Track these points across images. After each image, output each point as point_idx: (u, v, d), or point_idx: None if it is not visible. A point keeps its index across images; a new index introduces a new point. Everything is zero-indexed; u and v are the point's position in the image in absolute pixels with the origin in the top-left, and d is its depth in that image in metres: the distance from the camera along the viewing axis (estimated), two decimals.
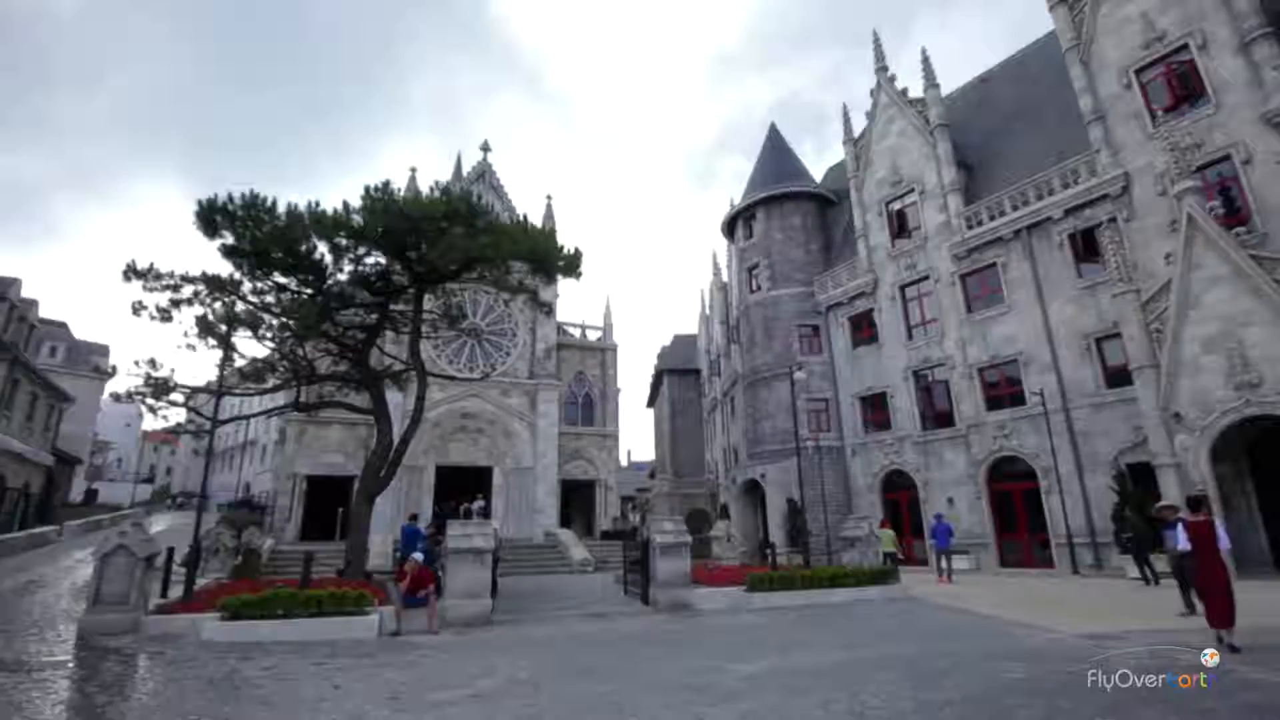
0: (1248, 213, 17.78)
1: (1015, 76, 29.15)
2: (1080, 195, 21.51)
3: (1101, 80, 21.64)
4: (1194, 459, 16.44)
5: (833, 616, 12.12)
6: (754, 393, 31.35)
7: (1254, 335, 15.76)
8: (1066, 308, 21.66)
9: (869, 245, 29.03)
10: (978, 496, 23.28)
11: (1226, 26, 18.80)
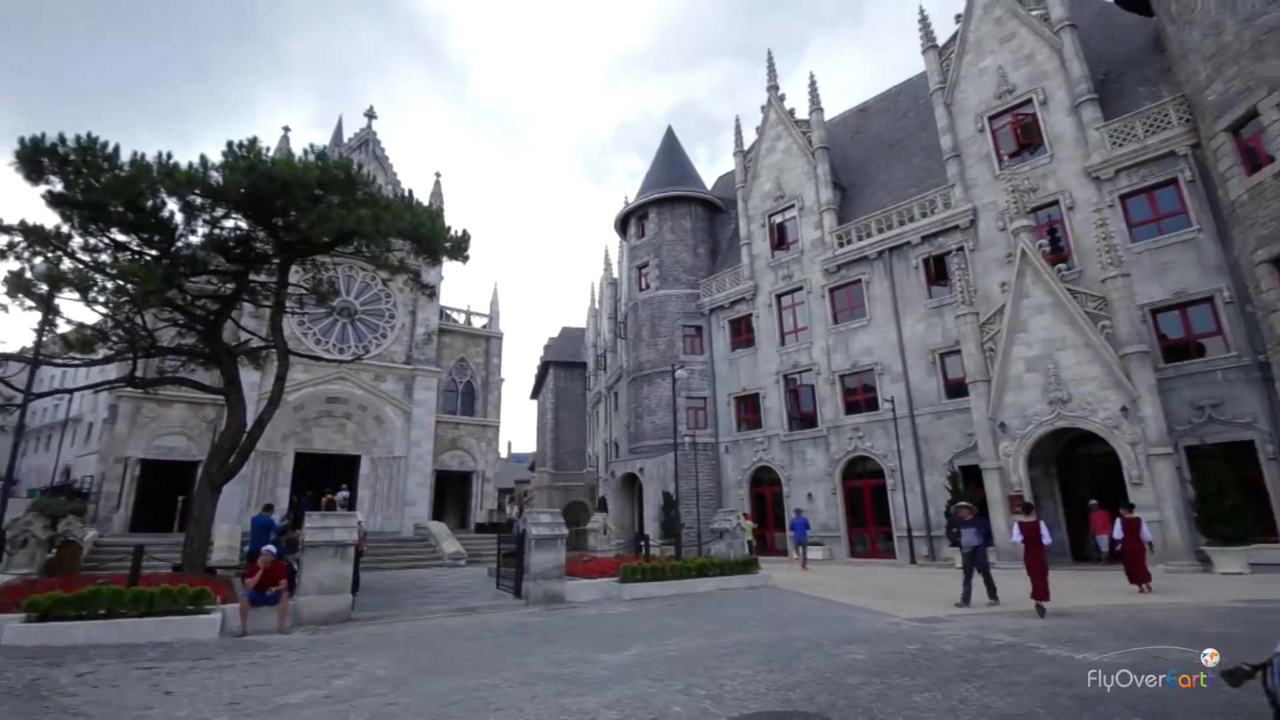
0: (1069, 252, 20.57)
1: (889, 109, 31.73)
2: (935, 224, 23.87)
3: (960, 122, 24.12)
4: (1014, 463, 18.83)
5: (699, 605, 12.65)
6: (638, 388, 31.92)
7: (1067, 358, 18.30)
8: (918, 325, 23.96)
9: (751, 254, 30.48)
10: (833, 492, 25.21)
11: (1063, 89, 21.61)
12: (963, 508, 12.56)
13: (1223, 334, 17.67)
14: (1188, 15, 18.21)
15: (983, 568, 11.70)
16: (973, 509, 12.40)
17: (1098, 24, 23.44)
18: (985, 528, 12.22)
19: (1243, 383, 17.02)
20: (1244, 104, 16.56)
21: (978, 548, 11.63)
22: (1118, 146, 19.90)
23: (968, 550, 11.78)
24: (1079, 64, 21.17)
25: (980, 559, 11.70)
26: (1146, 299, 18.50)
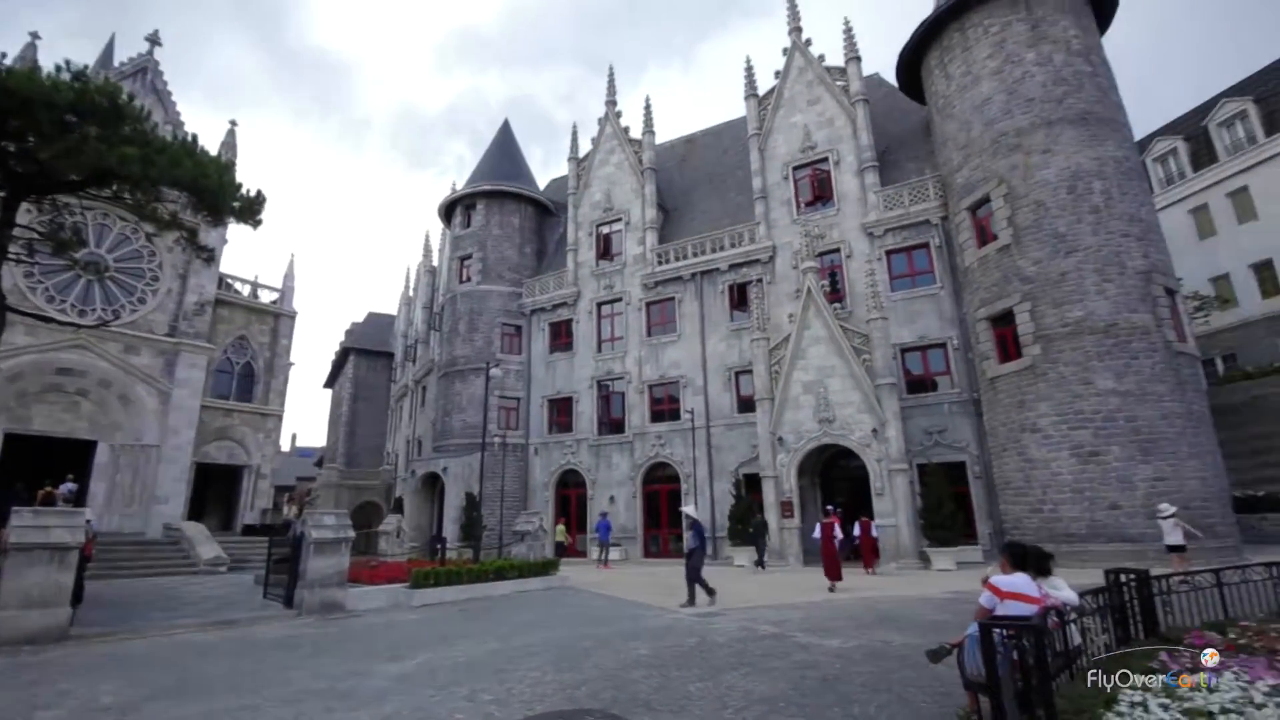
0: (844, 294, 23.77)
1: (713, 144, 34.22)
2: (741, 256, 26.23)
3: (770, 168, 26.81)
4: (787, 473, 21.25)
5: (495, 608, 12.48)
6: (449, 384, 30.68)
7: (834, 384, 21.09)
8: (720, 344, 26.09)
9: (577, 260, 30.94)
10: (634, 496, 26.40)
11: (853, 153, 25.01)
12: (686, 514, 13.28)
13: (950, 374, 21.67)
14: (948, 110, 22.17)
15: (695, 568, 12.27)
16: (691, 517, 13.16)
17: (886, 103, 27.54)
18: (703, 533, 12.80)
19: (961, 414, 21.01)
20: (981, 190, 20.56)
21: (694, 550, 12.34)
22: (889, 210, 23.54)
23: (687, 552, 12.55)
24: (867, 135, 24.71)
25: (695, 562, 12.24)
26: (898, 340, 22.05)
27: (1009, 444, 18.94)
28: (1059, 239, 18.58)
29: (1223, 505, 16.93)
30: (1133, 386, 17.05)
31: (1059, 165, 19.01)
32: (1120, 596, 5.99)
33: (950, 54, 22.11)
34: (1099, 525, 16.66)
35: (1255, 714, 3.54)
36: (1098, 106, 19.55)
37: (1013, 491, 18.81)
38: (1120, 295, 17.71)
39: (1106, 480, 16.77)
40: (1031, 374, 18.43)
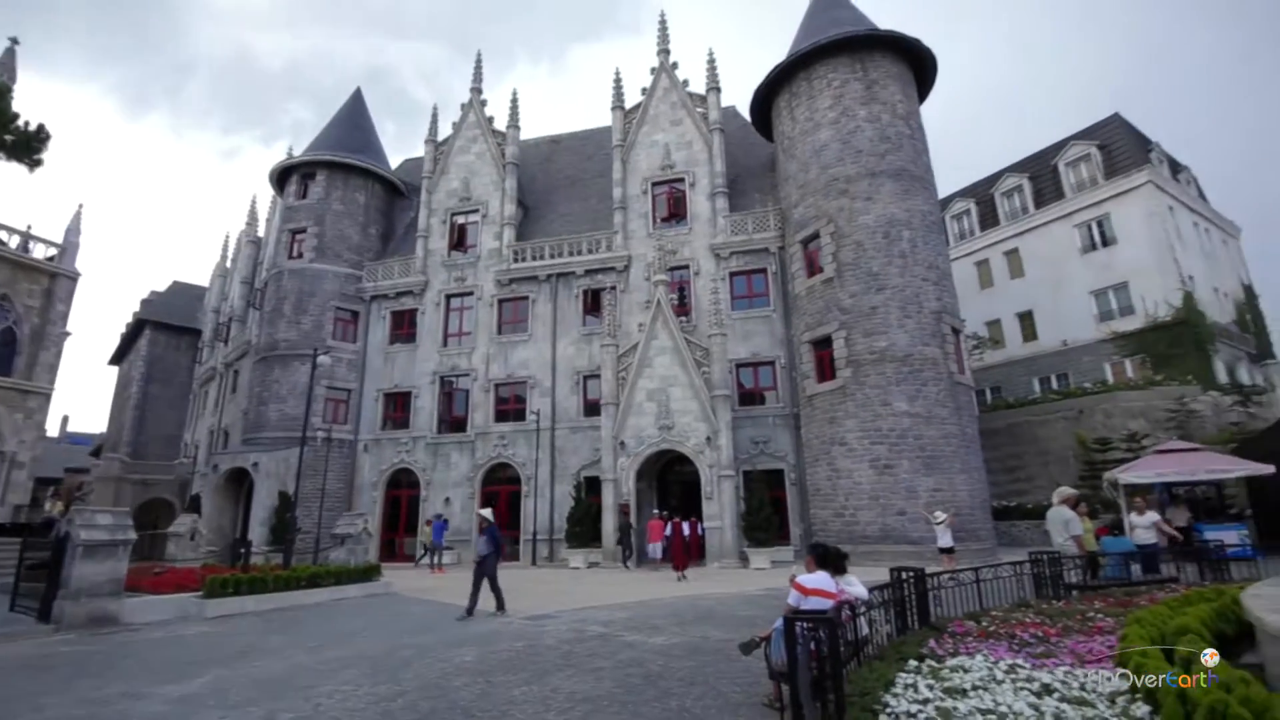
0: (690, 308, 24.99)
1: (579, 148, 34.37)
2: (597, 262, 26.61)
3: (631, 180, 27.51)
4: (626, 476, 21.82)
5: (307, 618, 11.47)
6: (267, 369, 27.69)
7: (676, 393, 22.06)
8: (570, 347, 26.21)
9: (428, 248, 29.48)
10: (471, 497, 25.60)
11: (707, 178, 26.42)
12: (480, 517, 12.33)
13: (777, 390, 23.60)
14: (792, 151, 24.23)
15: (491, 577, 11.44)
16: (487, 520, 12.17)
17: (739, 135, 29.41)
18: (497, 538, 11.94)
19: (783, 427, 22.95)
20: (813, 226, 22.66)
21: (486, 557, 11.51)
22: (735, 234, 25.18)
23: (477, 559, 11.62)
24: (721, 162, 26.27)
25: (489, 568, 11.45)
26: (735, 355, 23.61)
27: (821, 455, 21.05)
28: (872, 277, 21.06)
29: (985, 513, 20.13)
30: (922, 409, 19.74)
31: (877, 212, 21.56)
32: (901, 591, 6.90)
33: (797, 99, 24.22)
34: (889, 529, 19.04)
35: (996, 688, 4.28)
36: (912, 165, 22.47)
37: (821, 498, 20.92)
38: (917, 330, 20.45)
39: (897, 489, 19.23)
40: (842, 394, 20.66)
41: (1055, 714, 3.74)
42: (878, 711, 3.93)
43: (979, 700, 4.02)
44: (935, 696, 4.15)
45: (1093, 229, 30.90)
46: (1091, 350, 29.76)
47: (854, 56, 23.40)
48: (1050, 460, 24.81)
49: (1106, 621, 6.69)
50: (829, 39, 23.64)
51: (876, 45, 23.57)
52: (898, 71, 23.63)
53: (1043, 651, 5.55)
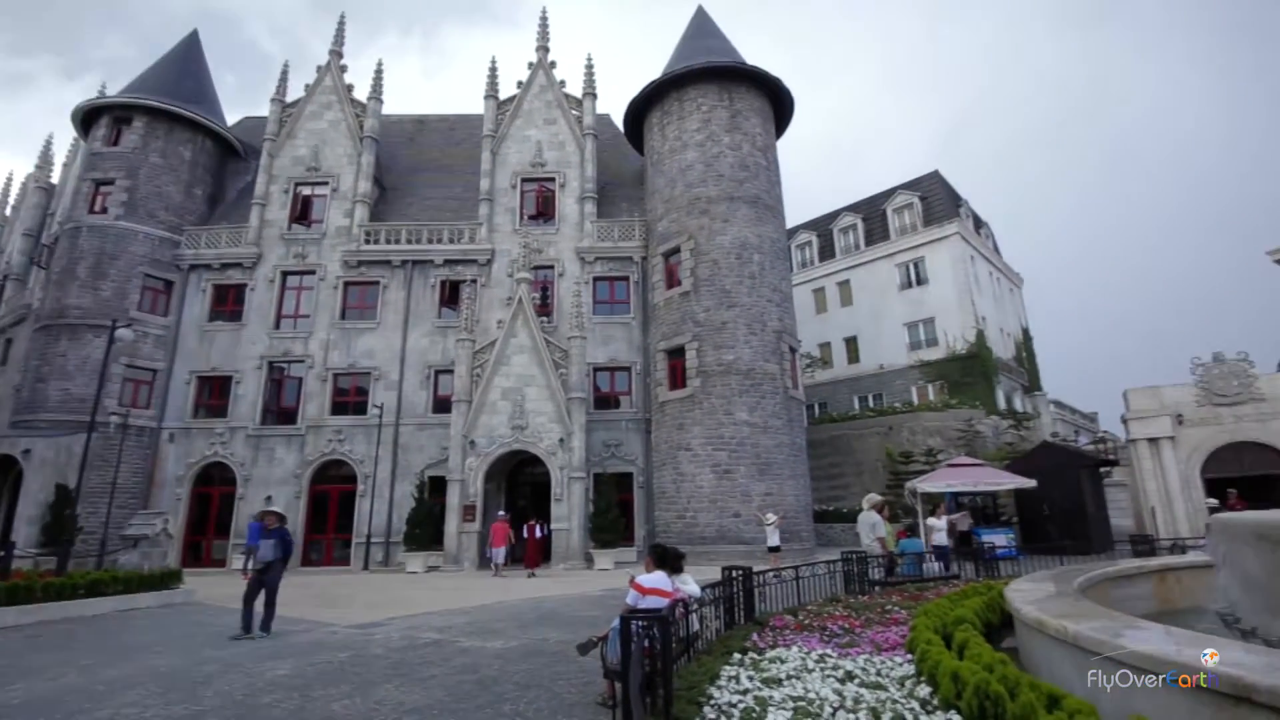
0: (552, 309, 24.90)
1: (446, 132, 32.92)
2: (459, 253, 25.67)
3: (500, 173, 26.88)
4: (474, 476, 21.20)
5: (83, 633, 9.85)
6: (51, 340, 23.45)
7: (532, 394, 21.85)
8: (422, 339, 25.00)
9: (264, 217, 26.66)
10: (297, 496, 23.46)
11: (578, 181, 26.51)
12: (269, 514, 10.43)
13: (631, 395, 24.21)
14: (660, 166, 25.06)
15: (271, 589, 9.56)
16: (282, 517, 10.29)
17: (612, 143, 29.83)
18: (288, 541, 9.94)
19: (635, 431, 23.58)
20: (675, 241, 23.58)
21: (272, 563, 9.61)
22: (601, 240, 25.51)
23: (259, 566, 9.80)
24: (592, 167, 26.50)
25: (272, 579, 9.59)
26: (593, 359, 23.89)
27: (668, 460, 21.92)
28: (725, 294, 22.36)
29: (807, 516, 22.08)
30: (760, 420, 21.26)
31: (733, 234, 22.95)
32: (731, 589, 7.38)
33: (669, 118, 25.13)
34: (725, 530, 20.26)
35: (807, 676, 4.73)
36: (766, 195, 24.19)
37: (666, 500, 21.78)
38: (760, 347, 22.02)
39: (734, 493, 20.53)
40: (691, 402, 21.69)
41: (855, 698, 4.20)
42: (702, 703, 4.18)
43: (792, 688, 4.42)
44: (754, 686, 4.50)
45: (910, 269, 35.17)
46: (902, 374, 33.81)
47: (723, 86, 24.77)
48: (864, 470, 27.78)
49: (901, 613, 7.61)
50: (701, 65, 24.84)
51: (743, 79, 25.14)
52: (759, 106, 25.35)
53: (848, 641, 6.21)
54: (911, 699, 4.07)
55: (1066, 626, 3.74)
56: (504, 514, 19.94)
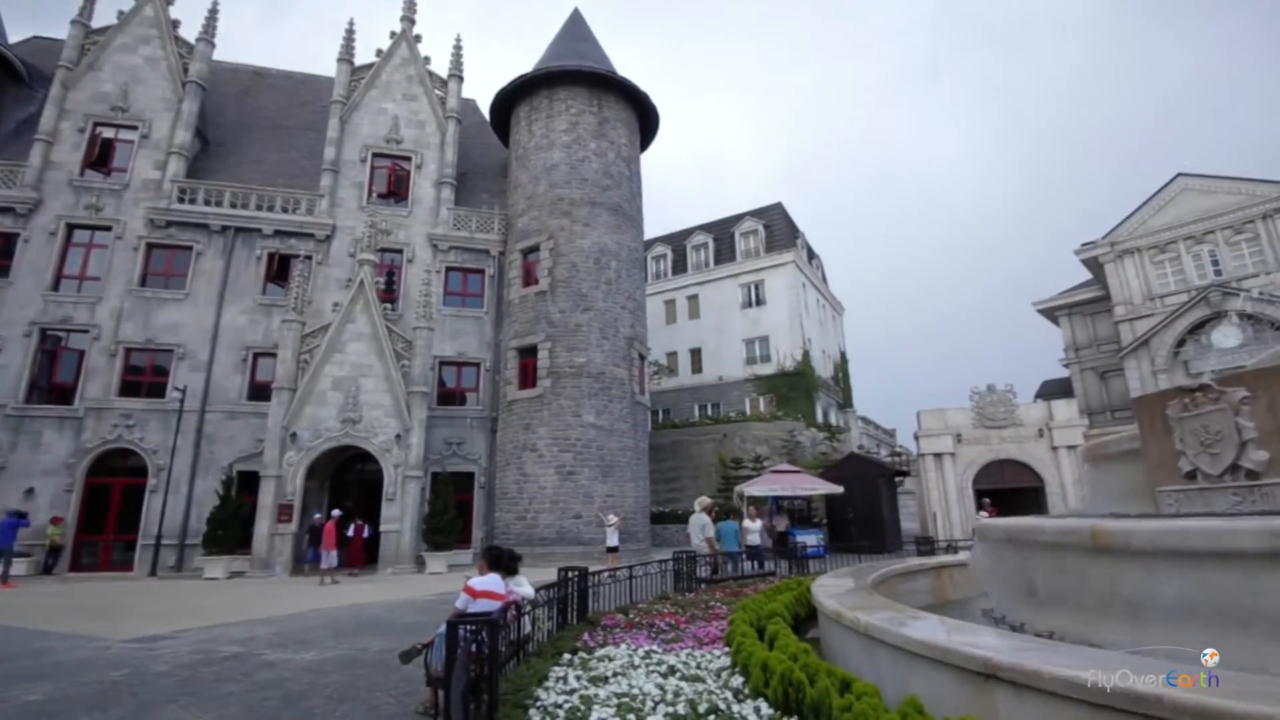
0: (398, 296, 23.51)
1: (290, 91, 29.84)
2: (293, 224, 23.38)
3: (349, 144, 24.89)
4: (294, 473, 19.37)
5: None
6: None
7: (368, 385, 20.45)
8: (241, 316, 22.41)
9: (50, 158, 22.41)
10: (69, 489, 19.92)
11: (436, 164, 25.31)
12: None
13: (479, 391, 23.54)
14: (525, 161, 24.70)
15: None
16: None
17: (476, 131, 28.84)
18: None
19: (480, 429, 22.95)
20: (535, 239, 23.35)
21: None
22: (457, 229, 24.57)
23: None
24: (453, 152, 25.46)
25: None
26: (440, 352, 22.91)
27: (512, 460, 21.62)
28: (581, 297, 22.56)
29: (645, 518, 22.86)
30: (606, 423, 21.69)
31: (593, 239, 23.24)
32: (565, 589, 7.48)
33: (537, 114, 24.87)
34: (565, 531, 20.38)
35: (633, 673, 4.93)
36: (627, 205, 24.78)
37: (507, 501, 21.46)
38: (612, 351, 22.49)
39: (576, 495, 20.73)
40: (540, 402, 21.60)
41: (675, 691, 4.47)
42: (528, 706, 4.21)
43: (617, 685, 4.60)
44: (581, 686, 4.61)
45: (752, 290, 37.85)
46: (738, 386, 36.24)
47: (593, 92, 25.01)
48: (699, 474, 29.35)
49: (722, 609, 8.16)
50: (576, 67, 24.91)
51: (614, 88, 25.56)
52: (627, 118, 25.94)
53: (673, 637, 6.55)
54: (726, 689, 4.41)
55: (859, 618, 4.26)
56: (337, 513, 18.40)
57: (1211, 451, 3.75)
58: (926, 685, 3.27)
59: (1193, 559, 3.25)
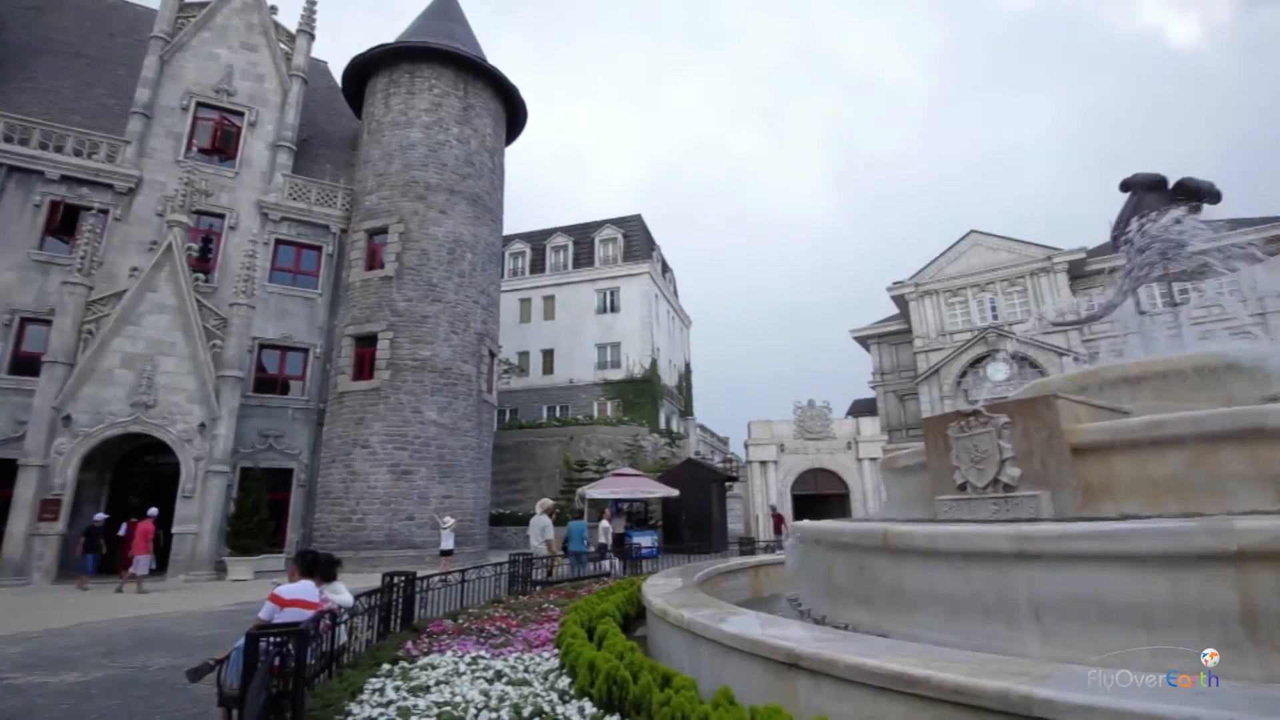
0: (214, 266, 20.85)
1: (100, 16, 25.38)
2: (87, 171, 19.88)
3: (167, 86, 21.68)
4: (65, 462, 16.39)
5: None
6: None
7: (169, 365, 17.88)
8: (8, 273, 18.63)
9: None
10: None
11: (274, 124, 22.82)
12: None
13: (305, 380, 21.52)
14: (379, 136, 23.07)
15: None
16: None
17: (326, 95, 26.44)
18: None
19: (304, 422, 20.98)
20: (384, 220, 21.89)
21: None
22: (293, 199, 22.33)
23: None
24: (295, 114, 23.12)
25: None
26: (261, 333, 20.66)
27: (340, 456, 19.99)
28: (431, 287, 21.51)
29: (484, 520, 22.22)
30: (449, 421, 20.83)
31: (449, 228, 22.28)
32: (390, 596, 7.06)
33: (397, 87, 23.36)
34: (396, 534, 19.22)
35: (457, 680, 4.76)
36: (487, 197, 24.07)
37: (331, 501, 19.78)
38: (461, 346, 21.67)
39: (410, 495, 19.65)
40: (376, 395, 20.22)
41: (500, 696, 4.38)
42: None
43: (439, 694, 4.41)
44: (400, 697, 4.36)
45: (607, 296, 38.49)
46: (588, 390, 36.59)
47: (460, 75, 24.01)
48: (543, 475, 29.17)
49: (555, 611, 8.15)
50: (444, 46, 23.75)
51: (483, 76, 24.71)
52: (494, 108, 25.22)
53: (503, 641, 6.42)
54: (552, 691, 4.41)
55: (683, 615, 4.48)
56: (154, 511, 15.72)
57: (979, 467, 4.42)
58: (739, 676, 3.52)
59: (960, 558, 3.82)
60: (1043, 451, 4.11)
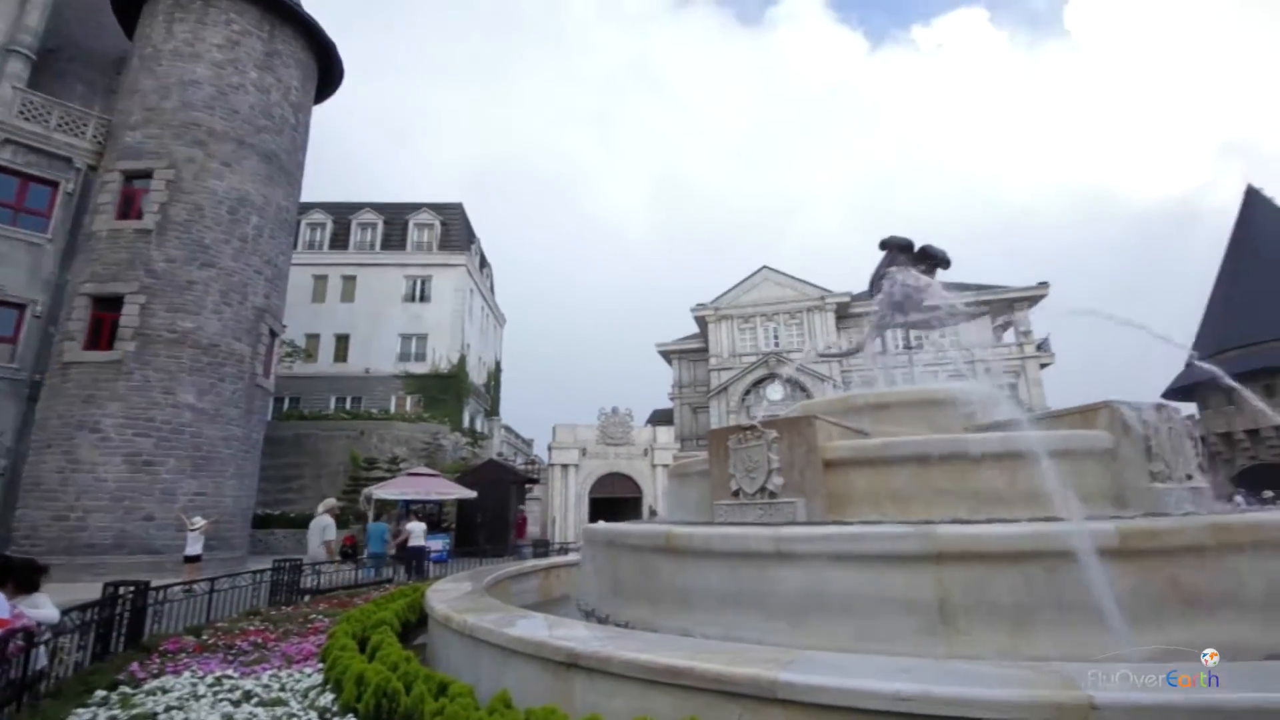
0: None
1: None
2: None
3: None
4: None
5: None
6: None
7: None
8: None
9: None
10: None
11: (7, 22, 18.15)
12: None
13: (17, 344, 17.33)
14: (154, 65, 19.47)
15: None
16: None
17: (88, 3, 21.55)
18: None
19: (10, 396, 16.90)
20: (150, 162, 18.49)
21: None
22: (25, 119, 18.00)
23: None
24: (40, 16, 18.75)
25: None
26: None
27: (59, 440, 16.36)
28: (203, 249, 18.59)
29: (245, 521, 19.56)
30: (209, 406, 18.08)
31: (232, 183, 19.46)
32: (112, 610, 5.96)
33: (185, 14, 19.92)
34: (128, 536, 16.15)
35: (194, 704, 4.14)
36: (286, 157, 21.48)
37: (41, 494, 16.07)
38: (234, 321, 18.99)
39: (151, 491, 16.67)
40: (116, 370, 16.90)
41: (248, 718, 3.93)
42: None
43: None
44: None
45: (417, 284, 36.34)
46: (386, 382, 34.13)
47: (266, 15, 21.18)
48: (325, 473, 26.55)
49: (324, 622, 7.44)
50: None
51: (295, 22, 22.04)
52: (305, 60, 22.65)
53: (256, 658, 5.73)
54: (311, 710, 4.04)
55: (467, 620, 4.39)
56: None
57: (751, 476, 4.96)
58: (519, 679, 3.55)
59: (730, 557, 4.24)
60: (802, 464, 4.73)
